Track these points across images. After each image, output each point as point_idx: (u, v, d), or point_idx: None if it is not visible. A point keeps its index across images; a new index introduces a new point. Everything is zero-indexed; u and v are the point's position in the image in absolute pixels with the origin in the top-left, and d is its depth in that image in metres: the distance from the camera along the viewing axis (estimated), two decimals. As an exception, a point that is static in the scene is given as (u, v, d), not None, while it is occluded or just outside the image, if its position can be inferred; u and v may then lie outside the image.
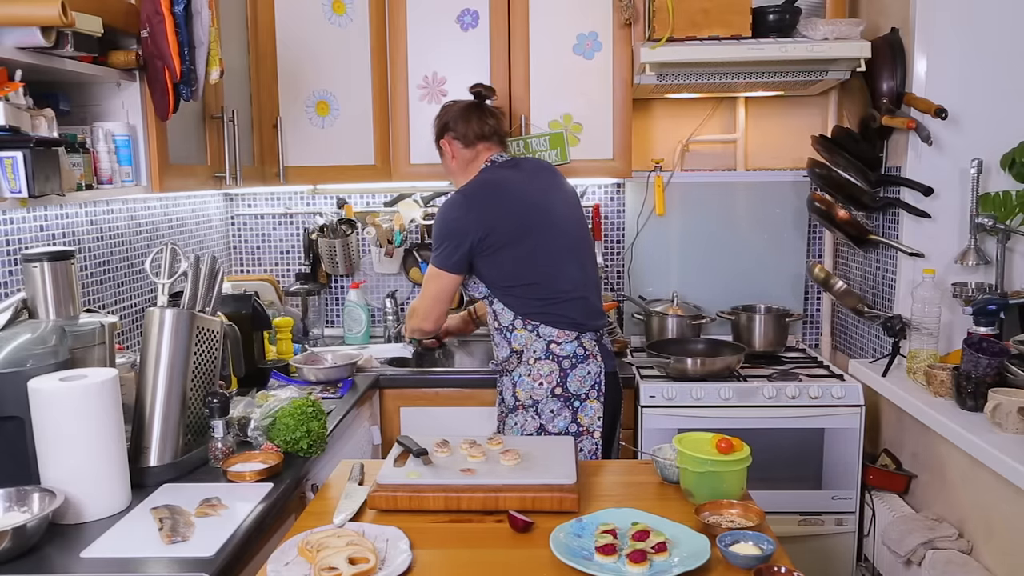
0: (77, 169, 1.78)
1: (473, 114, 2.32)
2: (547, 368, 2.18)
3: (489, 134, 2.32)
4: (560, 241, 2.22)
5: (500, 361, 2.27)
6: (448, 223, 2.20)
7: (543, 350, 2.18)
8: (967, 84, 2.34)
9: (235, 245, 3.27)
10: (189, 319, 1.74)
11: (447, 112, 2.37)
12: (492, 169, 2.29)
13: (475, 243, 2.16)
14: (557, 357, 2.18)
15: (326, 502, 1.59)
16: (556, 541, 1.36)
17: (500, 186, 2.24)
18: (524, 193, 2.23)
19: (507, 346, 2.23)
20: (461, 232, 2.16)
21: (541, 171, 2.35)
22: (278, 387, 2.26)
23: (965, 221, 2.35)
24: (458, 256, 2.18)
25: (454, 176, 2.39)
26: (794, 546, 2.52)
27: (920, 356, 2.31)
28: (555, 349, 2.18)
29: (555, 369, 2.18)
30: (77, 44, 1.64)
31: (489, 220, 2.16)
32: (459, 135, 2.32)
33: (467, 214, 2.17)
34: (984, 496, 1.97)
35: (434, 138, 2.40)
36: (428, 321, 2.29)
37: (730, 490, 1.54)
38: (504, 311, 2.21)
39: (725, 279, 3.12)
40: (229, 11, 2.45)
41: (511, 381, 2.23)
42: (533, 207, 2.22)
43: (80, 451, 1.48)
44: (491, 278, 2.21)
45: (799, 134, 3.08)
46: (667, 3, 2.51)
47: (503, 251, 2.16)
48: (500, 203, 2.19)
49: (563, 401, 2.18)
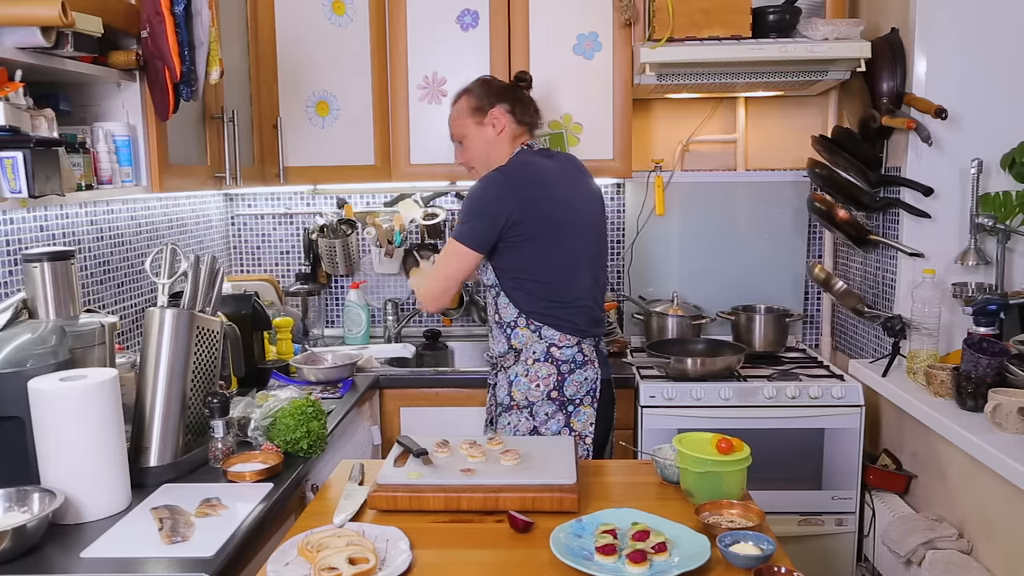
0: (77, 169, 1.78)
1: (525, 96, 2.29)
2: (545, 370, 2.16)
3: (533, 122, 2.28)
4: (581, 244, 2.18)
5: (496, 356, 2.25)
6: (485, 199, 2.11)
7: (543, 352, 2.16)
8: (967, 84, 2.34)
9: (235, 245, 3.27)
10: (189, 319, 1.74)
11: (499, 84, 2.29)
12: (530, 154, 2.22)
13: (507, 225, 2.08)
14: (556, 360, 2.16)
15: (326, 502, 1.59)
16: (556, 541, 1.36)
17: (542, 173, 2.16)
18: (559, 186, 2.17)
19: (505, 342, 2.20)
20: (496, 210, 2.08)
21: (572, 166, 2.29)
22: (278, 387, 2.26)
23: (965, 221, 2.35)
24: (488, 235, 2.09)
25: (483, 152, 2.26)
26: (794, 546, 2.52)
27: (920, 356, 2.31)
28: (555, 352, 2.16)
29: (553, 372, 2.16)
30: (77, 44, 1.64)
31: (526, 205, 2.08)
32: (514, 110, 2.24)
33: (507, 193, 2.09)
34: (984, 496, 1.97)
35: (473, 105, 2.26)
36: (444, 299, 2.19)
37: (730, 490, 1.54)
38: (508, 307, 2.18)
39: (725, 279, 3.12)
40: (229, 11, 2.45)
41: (507, 379, 2.21)
42: (564, 203, 2.16)
43: (80, 451, 1.48)
44: (507, 267, 2.15)
45: (799, 134, 3.08)
46: (667, 3, 2.51)
47: (529, 242, 2.10)
48: (539, 190, 2.12)
49: (558, 405, 2.16)
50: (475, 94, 2.28)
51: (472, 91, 2.29)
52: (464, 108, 2.28)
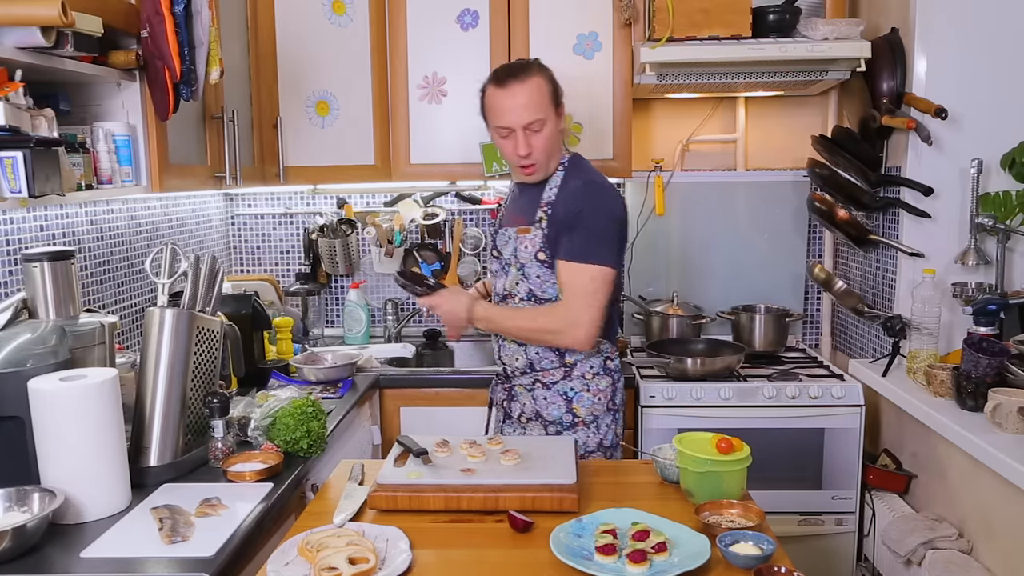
0: (77, 169, 1.78)
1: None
2: (604, 383, 2.08)
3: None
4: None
5: (535, 369, 2.08)
6: (617, 211, 1.97)
7: (600, 365, 2.09)
8: (967, 84, 2.34)
9: (235, 245, 3.27)
10: (189, 319, 1.74)
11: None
12: (580, 158, 2.10)
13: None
14: (611, 372, 2.10)
15: (326, 502, 1.59)
16: (556, 541, 1.36)
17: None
18: None
19: (556, 357, 2.06)
20: (625, 222, 2.00)
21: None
22: (278, 387, 2.26)
23: (965, 221, 2.35)
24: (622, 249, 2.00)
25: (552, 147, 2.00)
26: (794, 546, 2.52)
27: (920, 356, 2.31)
28: (609, 364, 2.10)
29: (610, 383, 2.09)
30: (77, 44, 1.64)
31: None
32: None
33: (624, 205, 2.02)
34: (984, 496, 1.97)
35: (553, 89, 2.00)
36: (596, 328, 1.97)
37: (730, 490, 1.54)
38: None
39: (725, 279, 3.12)
40: (229, 11, 2.45)
41: (562, 397, 2.07)
42: None
43: (80, 451, 1.48)
44: None
45: (799, 134, 3.08)
46: (667, 3, 2.51)
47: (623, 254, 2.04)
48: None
49: (613, 414, 2.11)
50: (550, 77, 2.00)
51: (547, 71, 2.01)
52: (546, 89, 1.98)
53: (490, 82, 2.02)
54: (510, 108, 1.95)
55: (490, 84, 2.01)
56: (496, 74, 2.01)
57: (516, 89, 1.95)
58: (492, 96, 1.99)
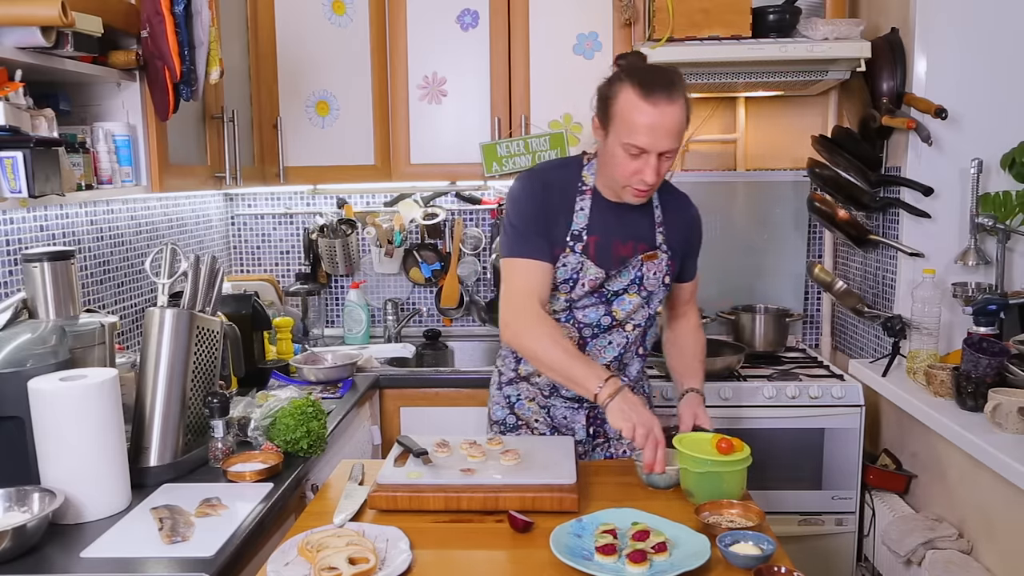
0: (77, 169, 1.78)
1: None
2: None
3: None
4: None
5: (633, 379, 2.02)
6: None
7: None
8: (967, 84, 2.34)
9: (235, 245, 3.27)
10: (189, 319, 1.74)
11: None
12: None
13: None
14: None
15: (326, 502, 1.59)
16: (556, 541, 1.36)
17: None
18: None
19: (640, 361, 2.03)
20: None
21: None
22: (278, 387, 2.26)
23: (965, 221, 2.35)
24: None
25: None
26: (794, 546, 2.52)
27: (920, 356, 2.31)
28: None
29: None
30: (77, 44, 1.64)
31: None
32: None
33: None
34: (984, 496, 1.97)
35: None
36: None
37: (730, 490, 1.54)
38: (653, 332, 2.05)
39: (725, 279, 3.12)
40: (229, 11, 2.45)
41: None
42: None
43: (80, 451, 1.48)
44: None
45: (799, 134, 3.08)
46: (667, 3, 2.51)
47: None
48: None
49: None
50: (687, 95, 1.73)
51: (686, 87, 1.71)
52: (688, 112, 1.70)
53: (631, 82, 1.67)
54: (654, 128, 1.64)
55: (631, 85, 1.67)
56: (642, 79, 1.67)
57: (665, 109, 1.64)
58: (632, 105, 1.66)
